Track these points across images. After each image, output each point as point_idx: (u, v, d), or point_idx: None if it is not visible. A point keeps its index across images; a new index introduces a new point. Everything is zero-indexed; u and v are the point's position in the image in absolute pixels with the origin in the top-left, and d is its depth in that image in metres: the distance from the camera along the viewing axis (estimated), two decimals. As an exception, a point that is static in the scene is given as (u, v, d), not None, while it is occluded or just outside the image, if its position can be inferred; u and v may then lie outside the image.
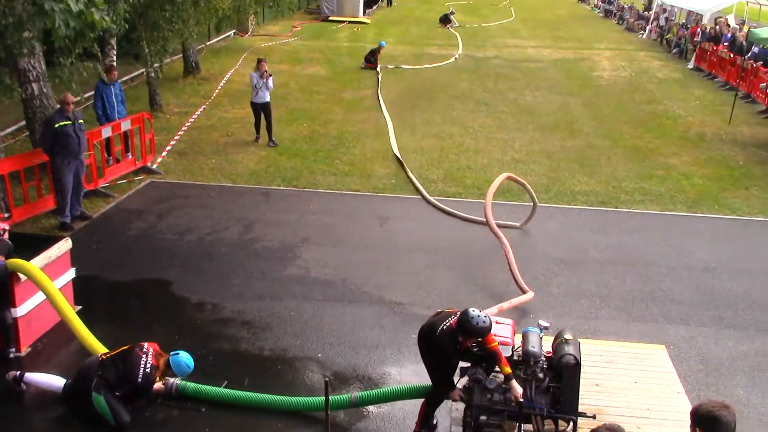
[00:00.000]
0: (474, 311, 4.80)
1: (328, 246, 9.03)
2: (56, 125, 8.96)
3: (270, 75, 13.33)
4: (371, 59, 21.59)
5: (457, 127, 15.01)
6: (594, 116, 16.45)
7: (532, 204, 9.74)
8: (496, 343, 4.96)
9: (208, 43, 24.26)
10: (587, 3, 52.08)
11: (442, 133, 14.56)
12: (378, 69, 21.21)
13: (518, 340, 5.49)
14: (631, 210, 10.71)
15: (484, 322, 4.76)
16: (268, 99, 13.39)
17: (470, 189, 11.31)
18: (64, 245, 6.96)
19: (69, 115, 9.11)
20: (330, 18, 34.31)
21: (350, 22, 33.63)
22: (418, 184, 11.24)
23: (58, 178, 9.17)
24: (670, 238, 9.70)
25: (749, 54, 19.51)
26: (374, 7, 38.51)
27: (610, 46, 28.43)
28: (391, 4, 37.83)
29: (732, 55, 20.35)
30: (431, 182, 11.55)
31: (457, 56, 24.89)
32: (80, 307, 7.20)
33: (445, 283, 8.14)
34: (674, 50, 26.09)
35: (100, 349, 5.99)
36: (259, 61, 13.40)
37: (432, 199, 10.70)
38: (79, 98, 10.17)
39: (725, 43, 21.50)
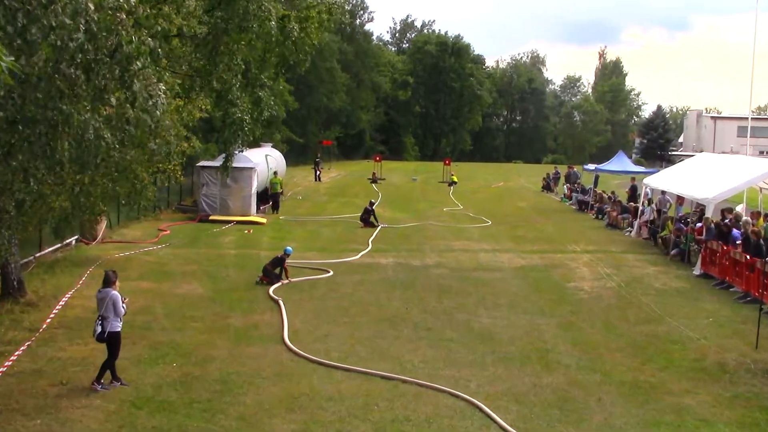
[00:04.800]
0: None
1: None
2: None
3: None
4: (271, 272, 22.33)
5: (388, 363, 15.34)
6: (575, 342, 17.22)
7: None
8: None
9: (38, 255, 24.56)
10: (554, 192, 56.46)
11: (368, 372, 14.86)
12: (283, 282, 22.15)
13: None
14: (635, 472, 10.96)
15: None
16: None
17: (412, 450, 11.39)
18: None
19: None
20: (211, 218, 35.69)
21: (239, 222, 35.03)
22: None
23: None
24: None
25: (770, 254, 21.04)
26: (268, 204, 40.24)
27: (588, 247, 30.49)
28: (277, 209, 39.72)
29: (749, 257, 21.96)
30: (356, 442, 11.57)
31: (360, 255, 26.45)
32: None
33: None
34: (673, 251, 28.19)
35: None
36: (114, 273, 13.91)
37: None
38: None
39: (738, 242, 23.40)
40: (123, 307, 13.85)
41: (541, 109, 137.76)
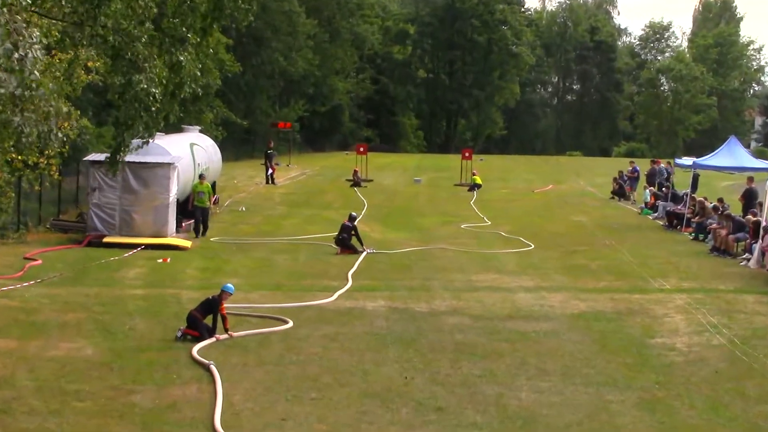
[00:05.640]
0: None
1: None
2: None
3: None
4: (200, 322, 22.22)
5: (380, 462, 15.31)
6: (664, 430, 17.19)
7: None
8: None
9: None
10: (631, 200, 56.49)
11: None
12: (217, 337, 22.13)
13: None
14: None
15: None
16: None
17: None
18: None
19: None
20: (107, 240, 35.54)
21: (150, 247, 34.90)
22: None
23: None
24: None
25: None
26: (188, 222, 39.67)
27: (683, 284, 30.57)
28: (204, 232, 38.65)
29: None
30: None
31: (335, 296, 26.94)
32: None
33: None
34: (813, 291, 28.23)
35: None
36: None
37: None
38: None
39: None
40: None
41: (609, 74, 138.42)
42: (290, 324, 23.98)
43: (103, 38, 16.82)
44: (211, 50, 21.57)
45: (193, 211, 40.14)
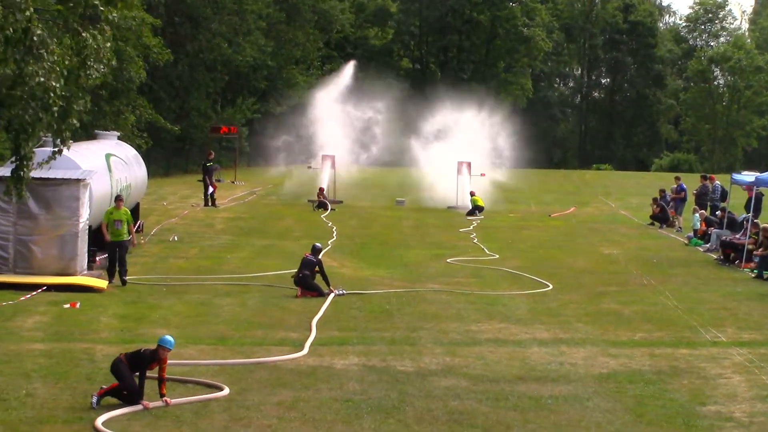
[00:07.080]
0: None
1: None
2: None
3: None
4: (131, 381, 22.05)
5: None
6: None
7: None
8: None
9: None
10: (675, 226, 56.55)
11: None
12: (145, 405, 21.83)
13: None
14: None
15: None
16: None
17: None
18: None
19: None
20: (-2, 279, 35.52)
21: (53, 287, 34.77)
22: None
23: None
24: None
25: None
26: (102, 256, 39.35)
27: (743, 335, 30.71)
28: (123, 275, 37.36)
29: None
30: None
31: (302, 353, 26.59)
32: None
33: None
34: None
35: None
36: None
37: None
38: None
39: None
40: None
41: (648, 65, 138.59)
42: (226, 391, 23.70)
43: None
44: (131, 27, 21.47)
45: (107, 246, 38.27)
